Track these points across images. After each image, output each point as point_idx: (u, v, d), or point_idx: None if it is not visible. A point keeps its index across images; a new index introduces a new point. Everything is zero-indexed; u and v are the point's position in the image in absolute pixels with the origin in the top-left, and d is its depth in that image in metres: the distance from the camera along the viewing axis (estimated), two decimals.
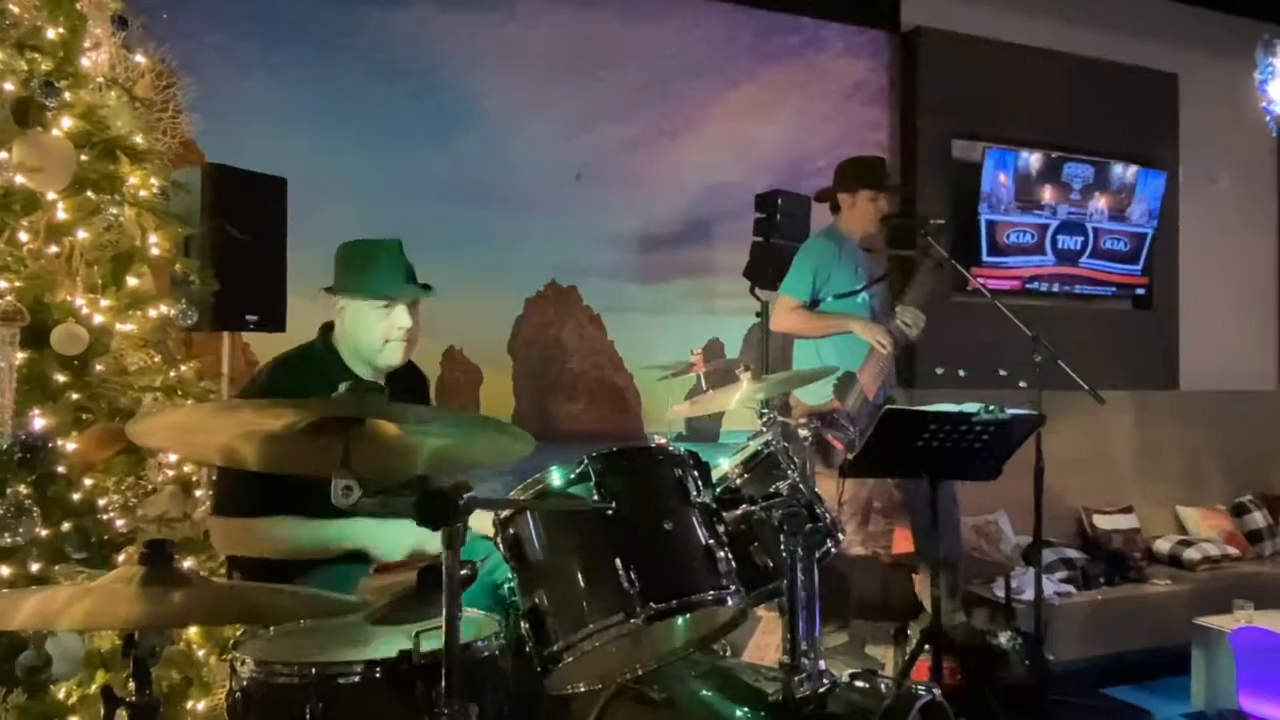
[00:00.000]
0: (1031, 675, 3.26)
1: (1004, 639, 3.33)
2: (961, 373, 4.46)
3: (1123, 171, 5.04)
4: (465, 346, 3.89)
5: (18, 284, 1.82)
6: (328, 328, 2.15)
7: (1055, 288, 4.95)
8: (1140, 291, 5.20)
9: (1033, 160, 4.79)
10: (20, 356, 1.80)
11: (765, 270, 3.88)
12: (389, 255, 2.05)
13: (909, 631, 3.25)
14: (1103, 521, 4.47)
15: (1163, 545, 4.46)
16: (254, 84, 3.49)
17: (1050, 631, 3.49)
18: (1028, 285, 4.86)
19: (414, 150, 3.78)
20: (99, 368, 1.95)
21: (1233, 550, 4.48)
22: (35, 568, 1.77)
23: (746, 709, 1.59)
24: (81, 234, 1.97)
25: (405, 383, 2.22)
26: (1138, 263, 5.15)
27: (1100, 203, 5.00)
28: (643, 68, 4.20)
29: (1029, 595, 3.48)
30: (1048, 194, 4.86)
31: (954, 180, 4.70)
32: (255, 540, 1.90)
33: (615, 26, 4.16)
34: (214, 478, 2.03)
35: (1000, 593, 3.68)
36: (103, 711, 1.22)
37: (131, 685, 1.26)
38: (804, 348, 3.46)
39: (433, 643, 1.28)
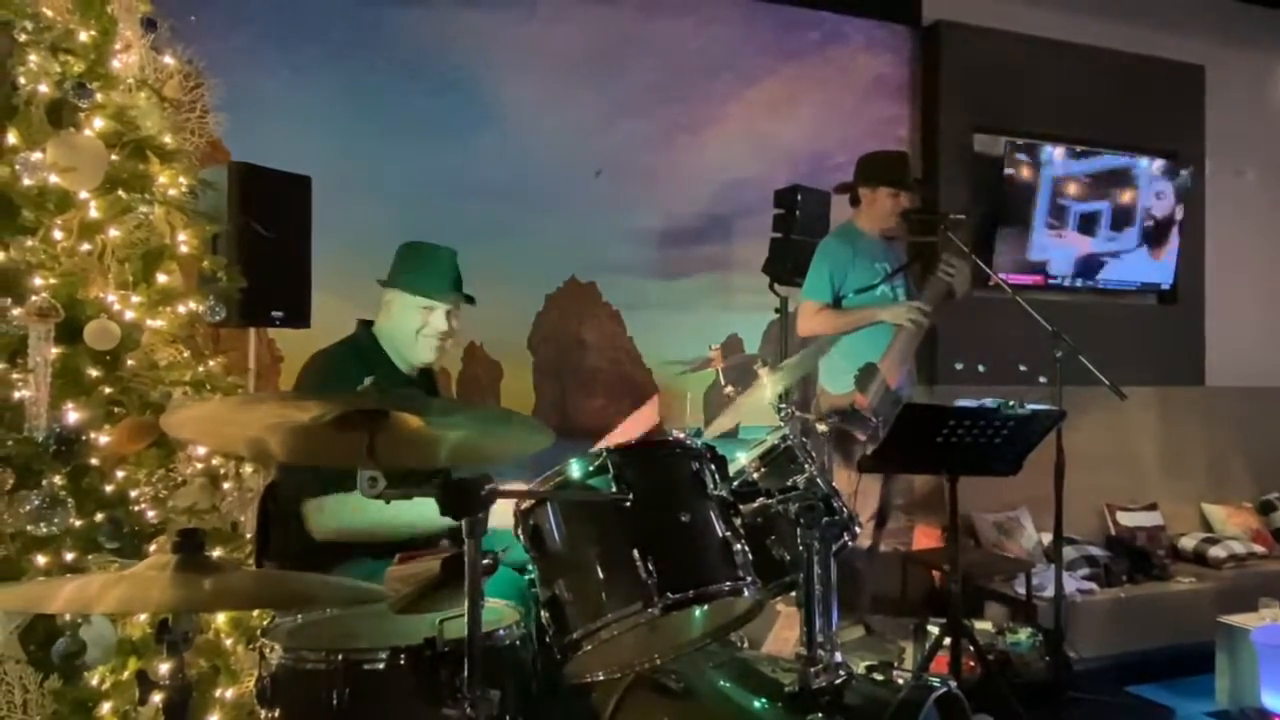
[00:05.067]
0: (1052, 672, 3.25)
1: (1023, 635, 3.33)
2: (981, 368, 4.44)
3: (1148, 165, 4.98)
4: (486, 342, 3.93)
5: (52, 281, 1.87)
6: (366, 323, 2.21)
7: (1079, 283, 4.91)
8: (1165, 287, 5.15)
9: (1056, 154, 4.75)
10: (55, 352, 1.85)
11: (784, 266, 3.88)
12: (442, 260, 2.20)
13: (928, 627, 3.24)
14: (1126, 518, 4.44)
15: (1187, 542, 4.42)
16: (278, 84, 3.54)
17: (1073, 629, 3.47)
18: (1050, 280, 4.82)
19: (435, 148, 3.82)
20: (130, 363, 1.99)
21: (1259, 548, 4.43)
22: (69, 557, 1.82)
23: (764, 699, 1.60)
24: (113, 232, 2.01)
25: (428, 381, 2.27)
26: (1163, 258, 5.09)
27: (1125, 197, 4.95)
28: (662, 64, 4.21)
29: (1050, 592, 3.47)
30: (1072, 188, 4.82)
31: (976, 175, 4.67)
32: (353, 514, 1.92)
33: (635, 23, 4.17)
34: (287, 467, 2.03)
35: (1021, 590, 3.67)
36: (138, 694, 1.26)
37: (164, 670, 1.30)
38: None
39: (456, 631, 1.31)
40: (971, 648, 2.85)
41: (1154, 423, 4.63)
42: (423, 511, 1.86)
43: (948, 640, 2.76)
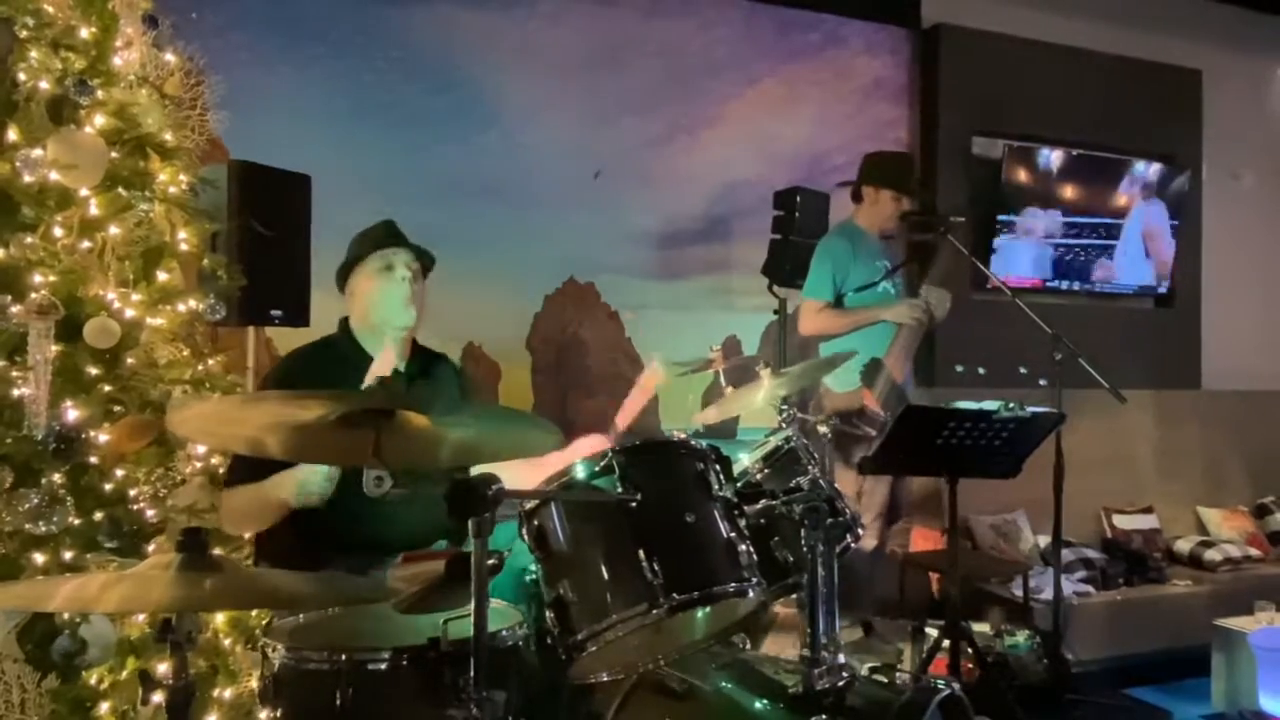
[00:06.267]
0: (1049, 675, 3.26)
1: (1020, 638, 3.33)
2: (981, 370, 4.45)
3: (1145, 169, 5.00)
4: (484, 342, 3.92)
5: (52, 278, 1.86)
6: (346, 320, 2.21)
7: (1076, 286, 4.92)
8: (1162, 290, 5.16)
9: (1054, 157, 4.77)
10: (54, 349, 1.83)
11: (783, 267, 3.89)
12: (378, 226, 2.20)
13: (926, 629, 3.25)
14: (1123, 521, 4.45)
15: (1183, 546, 4.43)
16: (278, 82, 3.53)
17: (1070, 631, 3.48)
18: (1048, 284, 4.83)
19: (435, 147, 3.81)
20: (130, 361, 1.98)
21: (1254, 551, 4.44)
22: (68, 556, 1.81)
23: (766, 701, 1.60)
24: (113, 230, 2.00)
25: (423, 367, 2.24)
26: (1160, 261, 5.11)
27: (1122, 200, 4.96)
28: (663, 65, 4.21)
29: (1048, 595, 3.48)
30: (1069, 191, 4.83)
31: (974, 178, 4.68)
32: (231, 512, 1.98)
33: (635, 24, 4.17)
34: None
35: (1018, 592, 3.67)
36: (140, 694, 1.25)
37: (164, 669, 1.29)
38: (828, 343, 3.46)
39: (459, 631, 1.30)
40: (970, 650, 2.85)
41: (1150, 426, 4.64)
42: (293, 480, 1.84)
43: (946, 642, 2.77)
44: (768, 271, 3.99)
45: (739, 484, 1.69)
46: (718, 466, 1.59)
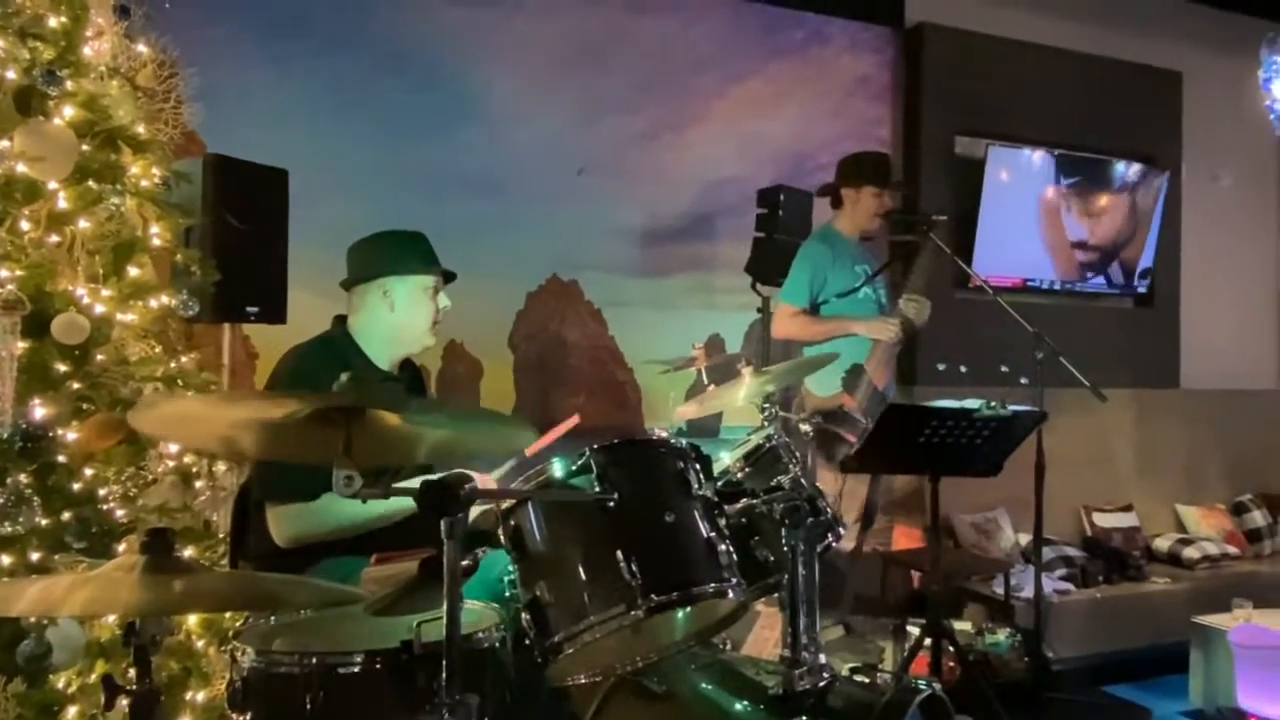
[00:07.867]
0: (1030, 673, 3.27)
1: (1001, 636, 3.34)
2: (963, 369, 4.46)
3: (1125, 169, 5.03)
4: (466, 340, 3.89)
5: (19, 273, 1.82)
6: (341, 319, 2.17)
7: (1057, 285, 4.95)
8: (1142, 290, 5.20)
9: (1035, 158, 4.79)
10: (21, 346, 1.79)
11: (767, 266, 3.88)
12: (422, 242, 2.18)
13: (908, 627, 3.25)
14: (1102, 519, 4.48)
15: (1162, 544, 4.47)
16: (256, 75, 3.48)
17: (1050, 629, 3.49)
18: (1029, 283, 4.85)
19: (417, 143, 3.77)
20: (100, 357, 1.94)
21: (1232, 549, 4.48)
22: (35, 557, 1.77)
23: (747, 702, 1.59)
24: (83, 223, 1.96)
25: (412, 374, 2.24)
26: (1139, 261, 5.14)
27: (1102, 200, 4.99)
28: (647, 62, 4.19)
29: (1028, 593, 3.49)
30: (1050, 191, 4.85)
31: (957, 177, 4.69)
32: (317, 521, 1.92)
33: (621, 20, 4.15)
34: (259, 465, 2.02)
35: (999, 590, 3.68)
36: (103, 700, 1.22)
37: (132, 674, 1.26)
38: (809, 346, 3.46)
39: (433, 633, 1.28)
40: (951, 648, 2.85)
41: (1129, 425, 4.67)
42: (390, 503, 1.84)
43: (928, 641, 2.77)
44: (751, 270, 3.98)
45: (719, 483, 1.67)
46: (697, 465, 1.57)
